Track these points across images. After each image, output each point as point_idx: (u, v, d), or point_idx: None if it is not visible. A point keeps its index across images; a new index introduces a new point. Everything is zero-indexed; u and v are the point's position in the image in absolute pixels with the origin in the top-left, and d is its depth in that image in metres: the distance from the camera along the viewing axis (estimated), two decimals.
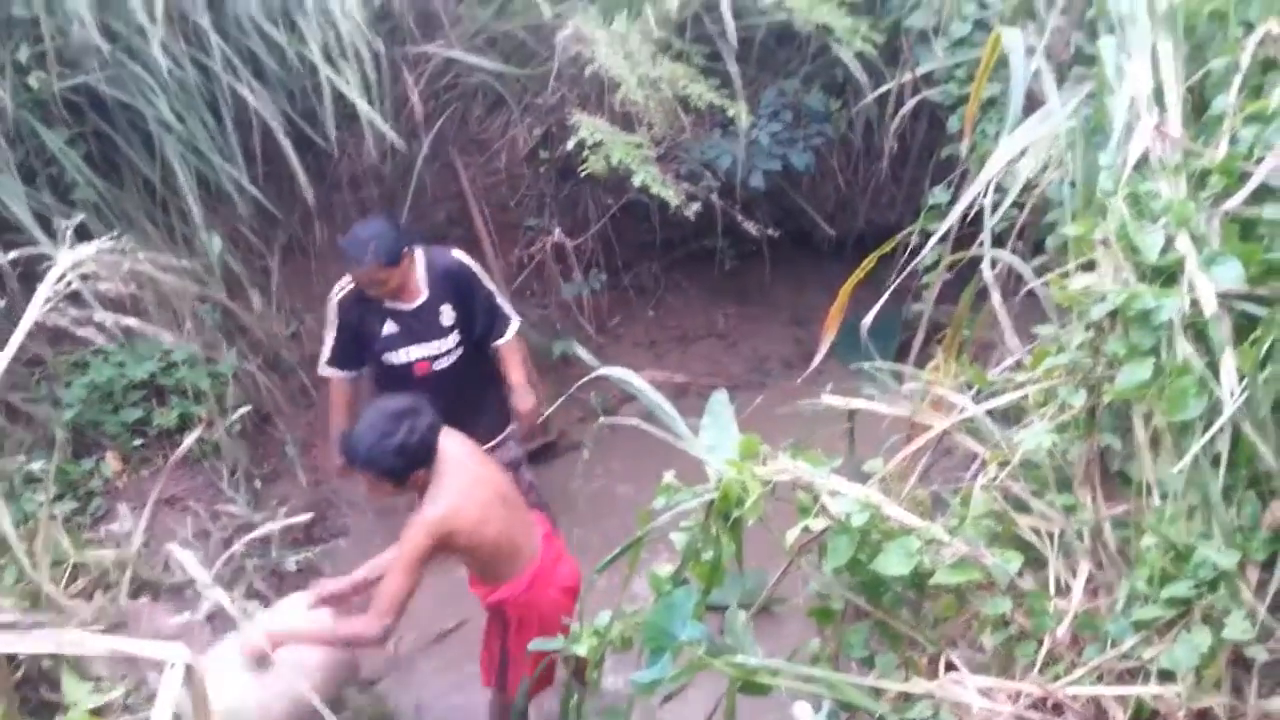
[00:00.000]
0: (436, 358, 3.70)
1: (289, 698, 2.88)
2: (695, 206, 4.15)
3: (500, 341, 3.83)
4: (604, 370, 2.64)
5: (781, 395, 3.42)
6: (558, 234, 4.84)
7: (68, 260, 2.46)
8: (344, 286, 3.64)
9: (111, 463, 3.96)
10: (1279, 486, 2.00)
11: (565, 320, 5.06)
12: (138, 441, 4.05)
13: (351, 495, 4.58)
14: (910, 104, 4.15)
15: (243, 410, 4.18)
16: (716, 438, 2.82)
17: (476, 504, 2.97)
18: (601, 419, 2.90)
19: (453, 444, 3.02)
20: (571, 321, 5.05)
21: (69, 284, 2.58)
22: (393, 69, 4.34)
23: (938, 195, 4.15)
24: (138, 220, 4.16)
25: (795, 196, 5.12)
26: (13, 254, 3.19)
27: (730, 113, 4.09)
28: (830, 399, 2.65)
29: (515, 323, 3.87)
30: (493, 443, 3.93)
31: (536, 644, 2.89)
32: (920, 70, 4.27)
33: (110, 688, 3.12)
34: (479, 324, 3.77)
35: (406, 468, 2.92)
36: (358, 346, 3.69)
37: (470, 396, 3.80)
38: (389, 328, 3.64)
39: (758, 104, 4.70)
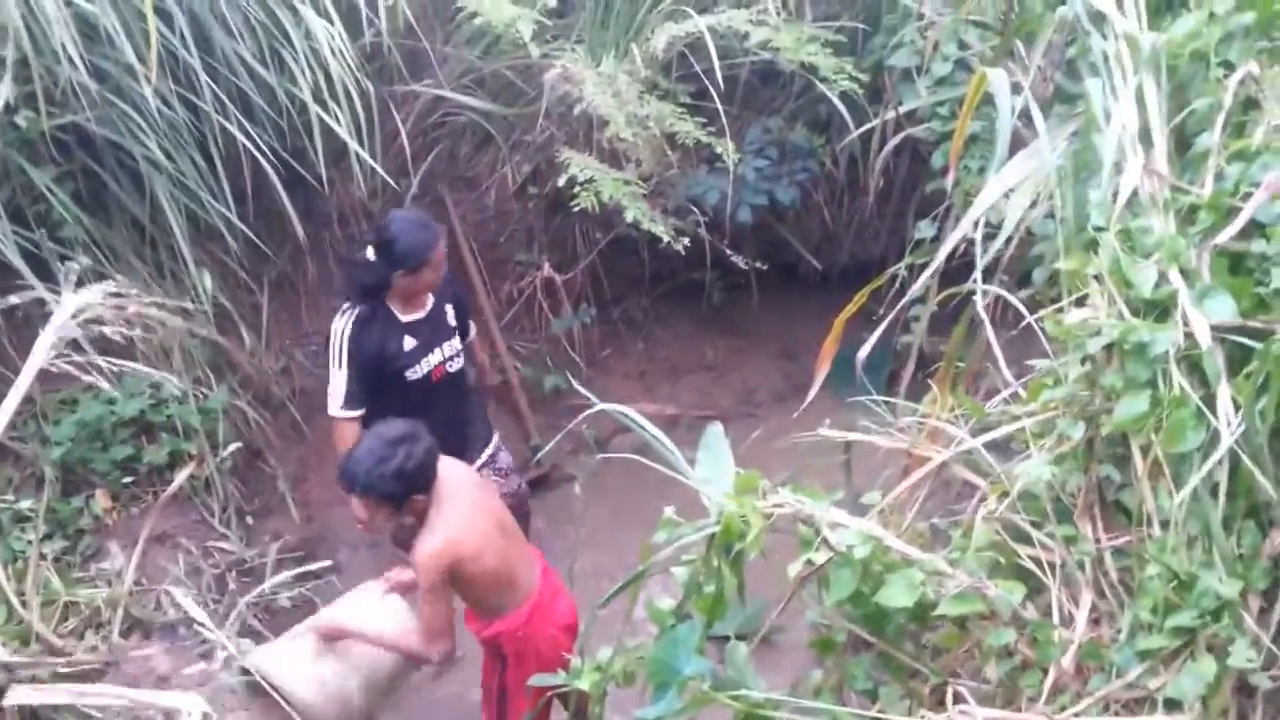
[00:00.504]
0: (449, 359, 3.77)
1: (360, 679, 3.11)
2: (684, 241, 4.19)
3: (472, 335, 4.04)
4: (601, 405, 2.66)
5: (777, 427, 3.46)
6: (547, 269, 4.87)
7: (71, 306, 2.47)
8: (348, 318, 3.61)
9: (101, 500, 3.92)
10: (1277, 516, 2.04)
11: (556, 354, 5.07)
12: (127, 479, 4.01)
13: (344, 531, 4.56)
14: (894, 141, 4.22)
15: (234, 446, 4.17)
16: (712, 471, 2.84)
17: (477, 533, 2.99)
18: (597, 455, 2.94)
19: (454, 471, 3.05)
20: (562, 355, 5.07)
21: (71, 331, 2.58)
22: (381, 107, 4.37)
23: (924, 229, 4.22)
24: (125, 256, 4.16)
25: (781, 231, 5.18)
26: (12, 298, 3.18)
27: (719, 149, 4.14)
28: (827, 432, 2.67)
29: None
30: (489, 449, 4.01)
31: (538, 679, 2.89)
32: (904, 108, 4.35)
33: None
34: (462, 324, 3.89)
35: (405, 492, 2.94)
36: (373, 375, 3.63)
37: (468, 401, 3.91)
38: (409, 343, 3.66)
39: (743, 141, 4.76)
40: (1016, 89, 2.87)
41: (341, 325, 3.60)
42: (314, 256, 4.78)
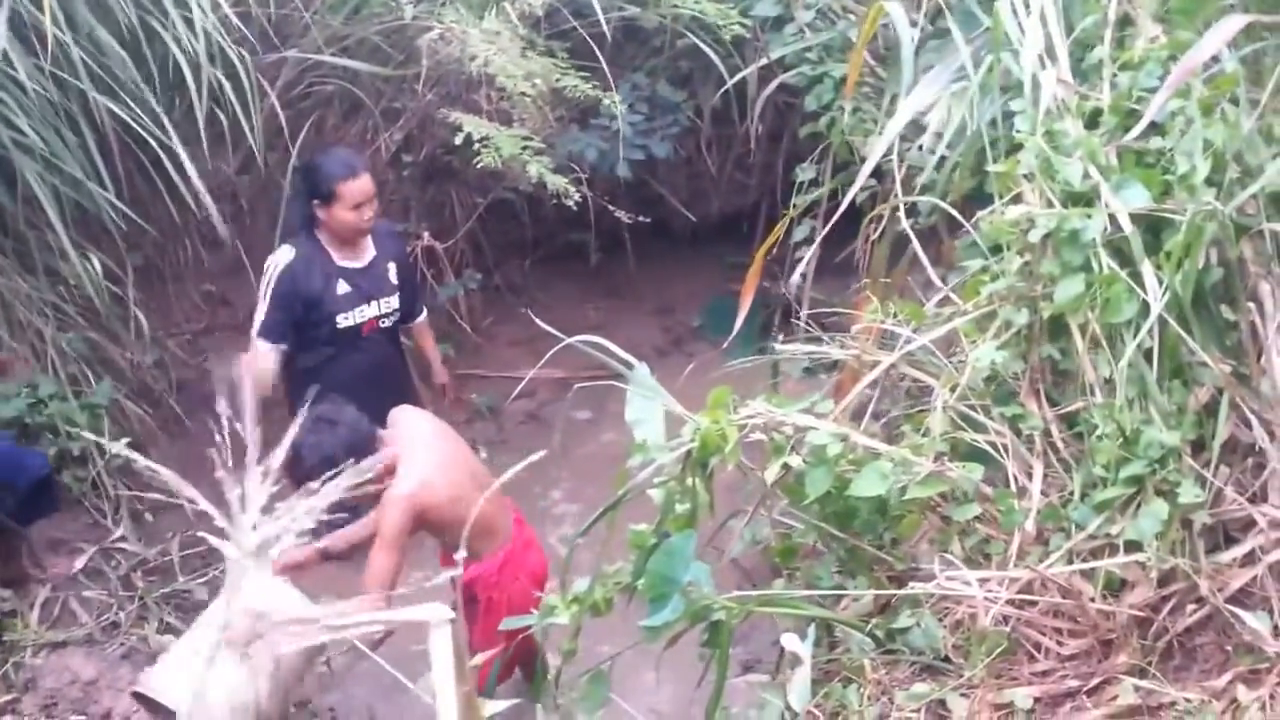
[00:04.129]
0: (383, 316, 3.79)
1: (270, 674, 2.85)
2: (576, 197, 4.23)
3: (418, 320, 4.06)
4: (570, 340, 2.74)
5: (662, 379, 3.61)
6: (427, 238, 4.81)
7: None
8: (287, 253, 3.62)
9: None
10: (1200, 374, 2.31)
11: (439, 324, 5.01)
12: None
13: None
14: (771, 86, 4.40)
15: (123, 443, 3.95)
16: (642, 410, 2.94)
17: (447, 481, 2.97)
18: (576, 385, 3.02)
19: (424, 423, 3.04)
20: (446, 324, 5.02)
21: None
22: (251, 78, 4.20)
23: (804, 172, 4.43)
24: None
25: (655, 186, 5.29)
26: None
27: (606, 102, 4.21)
28: (785, 348, 2.81)
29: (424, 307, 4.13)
30: None
31: (509, 622, 2.93)
32: (774, 55, 4.51)
33: None
34: (407, 292, 3.88)
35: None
36: (305, 315, 3.63)
37: (399, 366, 3.95)
38: (343, 287, 3.67)
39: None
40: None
41: (279, 262, 3.62)
42: (178, 242, 4.56)
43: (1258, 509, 2.15)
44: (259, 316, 3.65)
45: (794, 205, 4.25)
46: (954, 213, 2.71)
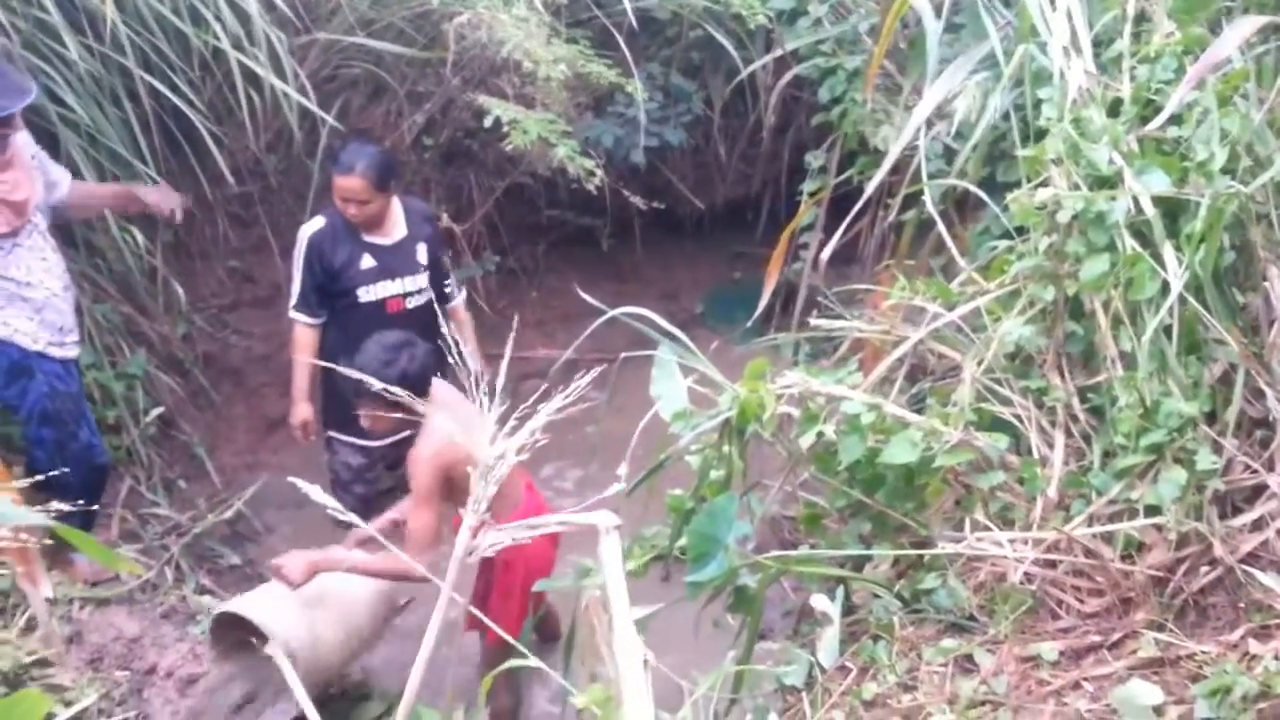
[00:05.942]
0: (410, 294, 3.84)
1: (340, 627, 3.08)
2: (598, 181, 4.34)
3: (452, 304, 4.07)
4: (614, 311, 2.85)
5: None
6: (445, 219, 4.91)
7: None
8: (314, 226, 3.71)
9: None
10: (1214, 351, 2.46)
11: None
12: None
13: (266, 494, 4.49)
14: (786, 77, 4.53)
15: (156, 412, 4.06)
16: (665, 389, 3.08)
17: (471, 440, 3.10)
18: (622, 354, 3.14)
19: (445, 389, 3.21)
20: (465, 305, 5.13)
21: None
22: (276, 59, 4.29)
23: (815, 158, 4.57)
24: None
25: (666, 173, 5.42)
26: None
27: (629, 89, 4.32)
28: (819, 322, 2.94)
29: (462, 291, 4.18)
30: None
31: (542, 584, 3.06)
32: (787, 49, 4.65)
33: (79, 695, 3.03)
34: (436, 273, 3.94)
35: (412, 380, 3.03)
36: (327, 285, 3.71)
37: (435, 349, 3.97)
38: (367, 262, 3.73)
39: None
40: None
41: (305, 232, 3.73)
42: (206, 218, 4.64)
43: (1271, 476, 2.30)
44: (293, 289, 3.75)
45: (807, 193, 4.40)
46: (983, 195, 2.85)
